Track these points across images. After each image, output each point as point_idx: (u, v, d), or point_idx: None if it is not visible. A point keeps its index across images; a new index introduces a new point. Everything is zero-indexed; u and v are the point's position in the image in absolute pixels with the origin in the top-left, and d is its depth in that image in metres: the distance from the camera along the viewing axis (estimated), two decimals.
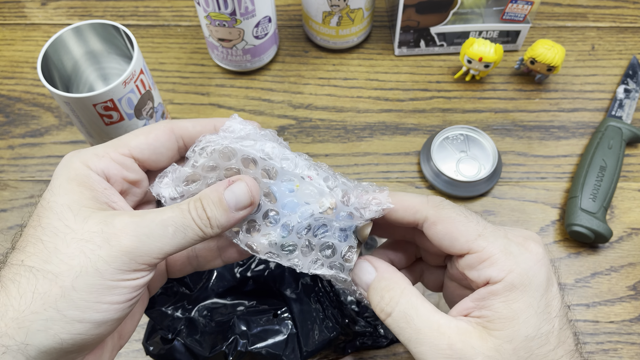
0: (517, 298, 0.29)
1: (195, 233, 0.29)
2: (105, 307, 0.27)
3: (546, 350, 0.28)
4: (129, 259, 0.28)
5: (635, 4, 0.68)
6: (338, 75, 0.63)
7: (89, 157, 0.31)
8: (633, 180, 0.55)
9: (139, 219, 0.28)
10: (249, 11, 0.54)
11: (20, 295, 0.27)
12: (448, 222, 0.31)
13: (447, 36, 0.62)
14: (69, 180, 0.30)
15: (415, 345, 0.29)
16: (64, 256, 0.27)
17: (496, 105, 0.61)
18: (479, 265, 0.30)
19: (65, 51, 0.50)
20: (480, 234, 0.30)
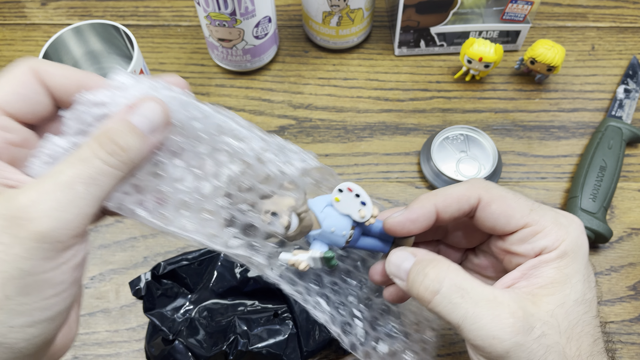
0: (568, 264, 0.30)
1: (112, 176, 0.25)
2: (52, 301, 0.24)
3: (590, 316, 0.29)
4: (49, 243, 0.23)
5: (635, 4, 0.68)
6: (338, 75, 0.63)
7: None
8: (633, 180, 0.56)
9: (36, 193, 0.24)
10: (249, 11, 0.54)
11: None
12: (501, 200, 0.31)
13: (447, 36, 0.62)
14: None
15: (473, 321, 0.28)
16: None
17: (496, 105, 0.61)
18: (532, 238, 0.31)
19: (66, 51, 0.50)
20: (532, 208, 0.31)
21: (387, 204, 0.54)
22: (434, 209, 0.31)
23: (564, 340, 0.28)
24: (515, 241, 0.31)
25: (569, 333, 0.28)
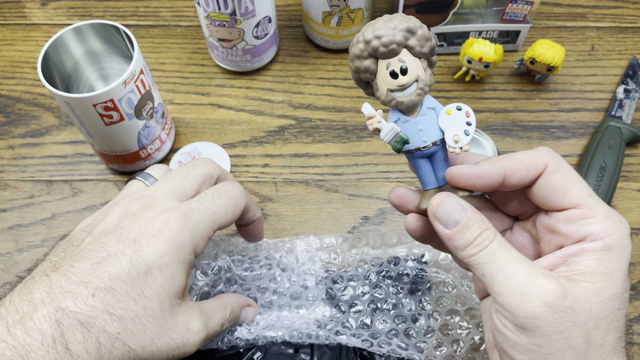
0: (612, 259, 0.29)
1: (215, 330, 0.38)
2: None
3: (622, 314, 0.29)
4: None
5: (635, 4, 0.68)
6: (338, 76, 0.63)
7: (198, 241, 0.35)
8: (633, 180, 0.56)
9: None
10: (249, 11, 0.54)
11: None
12: (565, 173, 0.30)
13: (447, 36, 0.62)
14: (178, 264, 0.34)
15: (506, 273, 0.28)
16: (156, 347, 0.34)
17: (496, 105, 0.61)
18: (581, 220, 0.30)
19: (66, 51, 0.50)
20: (590, 194, 0.30)
21: (387, 204, 0.54)
22: (503, 171, 0.31)
23: (591, 325, 0.28)
24: (562, 219, 0.31)
25: (598, 321, 0.28)
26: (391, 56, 0.30)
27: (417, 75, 0.30)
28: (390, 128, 0.31)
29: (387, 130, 0.31)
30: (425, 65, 0.31)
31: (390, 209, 0.54)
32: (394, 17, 0.30)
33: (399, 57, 0.30)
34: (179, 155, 0.57)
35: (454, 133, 0.31)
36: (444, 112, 0.31)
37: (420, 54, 0.30)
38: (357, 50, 0.30)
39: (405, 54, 0.30)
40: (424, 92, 0.31)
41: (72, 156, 0.58)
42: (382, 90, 0.31)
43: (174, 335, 0.33)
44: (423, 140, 0.31)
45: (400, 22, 0.30)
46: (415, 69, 0.30)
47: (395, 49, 0.30)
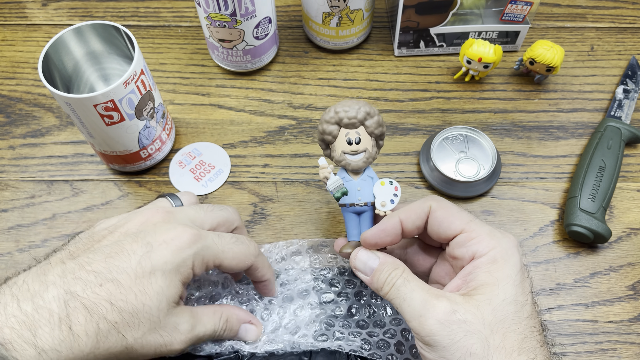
0: (498, 269, 0.34)
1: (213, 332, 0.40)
2: None
3: (520, 316, 0.33)
4: None
5: (634, 5, 0.68)
6: (338, 76, 0.63)
7: (199, 263, 0.38)
8: (632, 180, 0.56)
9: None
10: (249, 12, 0.55)
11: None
12: (446, 209, 0.37)
13: (446, 37, 0.63)
14: (175, 273, 0.36)
15: (409, 303, 0.34)
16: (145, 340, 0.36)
17: (495, 105, 0.61)
18: (468, 242, 0.36)
19: (66, 52, 0.50)
20: (471, 220, 0.37)
21: None
22: (399, 220, 0.38)
23: (487, 331, 0.32)
24: (454, 245, 0.37)
25: (493, 326, 0.32)
26: (351, 128, 0.39)
27: (367, 147, 0.40)
28: (336, 180, 0.39)
29: (333, 181, 0.39)
30: (374, 144, 0.40)
31: None
32: (360, 101, 0.39)
33: (357, 130, 0.39)
34: (179, 155, 0.57)
35: (382, 200, 0.39)
36: (379, 183, 0.40)
37: (372, 134, 0.40)
38: (327, 116, 0.39)
39: (362, 130, 0.39)
40: (368, 162, 0.40)
41: (73, 156, 0.58)
42: (337, 151, 0.40)
43: (163, 333, 0.36)
44: (358, 199, 0.40)
45: (364, 106, 0.39)
46: (366, 143, 0.40)
47: (356, 123, 0.39)
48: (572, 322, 0.48)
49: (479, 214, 0.54)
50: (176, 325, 0.36)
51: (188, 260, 0.37)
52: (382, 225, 0.38)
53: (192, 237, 0.37)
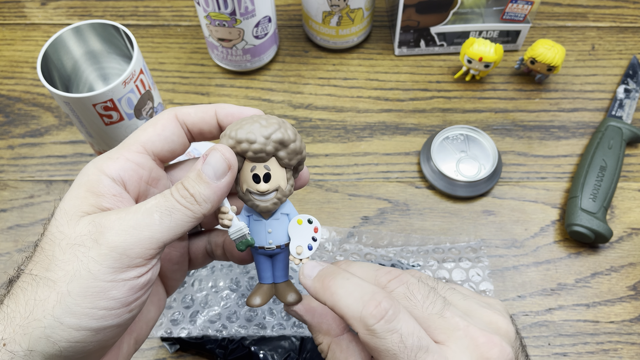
0: None
1: (184, 213, 0.29)
2: (102, 313, 0.27)
3: None
4: (119, 255, 0.27)
5: (635, 4, 0.68)
6: (338, 75, 0.63)
7: (103, 161, 0.30)
8: (633, 180, 0.55)
9: (124, 214, 0.28)
10: (248, 11, 0.54)
11: (25, 302, 0.27)
12: (375, 353, 0.28)
13: (447, 36, 0.62)
14: (79, 186, 0.30)
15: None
16: (60, 262, 0.27)
17: (496, 105, 0.61)
18: None
19: (65, 51, 0.50)
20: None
21: (387, 204, 0.54)
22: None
23: None
24: None
25: None
26: (258, 161, 0.30)
27: (279, 184, 0.31)
28: (239, 228, 0.32)
29: (236, 229, 0.32)
30: (290, 175, 0.31)
31: (391, 209, 0.54)
32: (270, 124, 0.30)
33: (265, 164, 0.31)
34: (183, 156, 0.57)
35: (298, 244, 0.32)
36: (295, 221, 0.32)
37: (286, 165, 0.31)
38: (226, 144, 0.30)
39: (273, 162, 0.31)
40: (280, 202, 0.31)
41: (72, 156, 0.58)
42: (242, 188, 0.31)
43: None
44: (269, 242, 0.32)
45: (276, 132, 0.30)
46: (278, 178, 0.31)
47: (264, 157, 0.30)
48: (573, 323, 0.48)
49: (480, 213, 0.54)
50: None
51: (87, 171, 0.31)
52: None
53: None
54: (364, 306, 0.28)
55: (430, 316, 0.29)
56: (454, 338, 0.28)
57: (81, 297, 0.26)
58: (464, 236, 0.52)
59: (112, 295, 0.27)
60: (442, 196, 0.55)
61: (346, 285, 0.29)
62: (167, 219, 0.28)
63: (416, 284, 0.30)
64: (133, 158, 0.31)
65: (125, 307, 0.28)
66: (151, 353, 0.47)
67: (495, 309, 0.31)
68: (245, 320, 0.44)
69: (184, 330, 0.44)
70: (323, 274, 0.31)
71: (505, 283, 0.50)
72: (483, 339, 0.28)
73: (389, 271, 0.31)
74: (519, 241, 0.52)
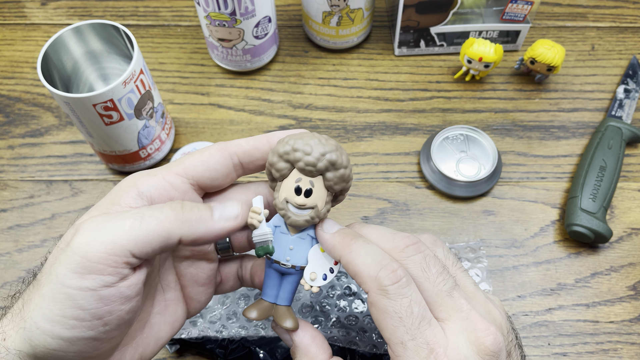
0: None
1: (158, 224, 0.27)
2: (72, 322, 0.25)
3: None
4: (80, 257, 0.25)
5: (635, 4, 0.68)
6: (338, 75, 0.63)
7: (141, 175, 0.30)
8: (633, 180, 0.55)
9: (104, 218, 0.27)
10: (248, 11, 0.54)
11: (22, 301, 0.27)
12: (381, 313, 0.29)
13: (447, 36, 0.62)
14: (108, 195, 0.30)
15: None
16: (47, 264, 0.27)
17: (496, 105, 0.61)
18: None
19: (65, 51, 0.50)
20: (403, 341, 0.28)
21: (387, 204, 0.54)
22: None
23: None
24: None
25: None
26: (306, 174, 0.30)
27: (317, 204, 0.31)
28: (265, 232, 0.31)
29: (261, 232, 0.31)
30: (329, 199, 0.31)
31: (391, 209, 0.54)
32: (328, 144, 0.30)
33: (311, 180, 0.30)
34: (179, 155, 0.57)
35: (314, 270, 0.32)
36: (319, 247, 0.32)
37: (330, 188, 0.31)
38: (282, 149, 0.30)
39: (318, 181, 0.30)
40: (312, 221, 0.31)
41: (72, 156, 0.58)
42: (280, 196, 0.31)
43: None
44: (287, 259, 0.32)
45: (332, 152, 0.30)
46: (319, 197, 0.31)
47: (313, 172, 0.30)
48: (573, 323, 0.48)
49: (480, 213, 0.54)
50: None
51: (122, 182, 0.31)
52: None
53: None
54: (381, 268, 0.28)
55: (440, 292, 0.29)
56: (455, 318, 0.29)
57: (52, 301, 0.25)
58: (464, 236, 0.52)
59: (80, 304, 0.25)
60: (442, 196, 0.55)
61: (366, 247, 0.30)
62: (136, 224, 0.26)
63: (432, 257, 0.30)
64: (169, 178, 0.30)
65: (97, 320, 0.26)
66: None
67: (495, 304, 0.32)
68: (245, 320, 0.44)
69: (184, 331, 0.44)
70: (344, 232, 0.31)
71: (505, 283, 0.50)
72: (481, 324, 0.29)
73: (406, 236, 0.31)
74: (518, 241, 0.52)
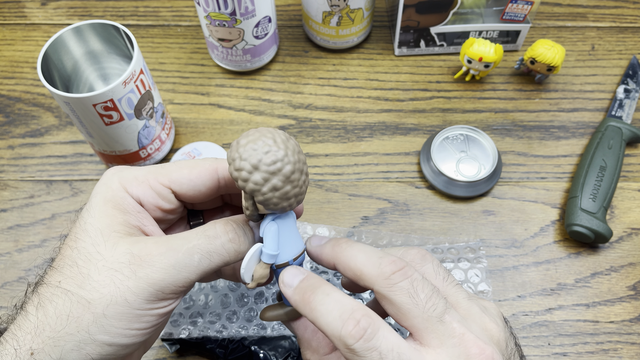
0: None
1: (222, 259, 0.30)
2: (134, 332, 0.29)
3: None
4: (155, 290, 0.29)
5: (635, 4, 0.68)
6: (338, 75, 0.63)
7: (129, 180, 0.32)
8: (633, 180, 0.55)
9: (164, 249, 0.29)
10: (248, 11, 0.54)
11: (57, 317, 0.28)
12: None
13: (447, 36, 0.62)
14: (105, 202, 0.31)
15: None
16: (96, 284, 0.29)
17: (496, 105, 0.61)
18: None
19: (65, 51, 0.50)
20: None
21: (387, 204, 0.54)
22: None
23: None
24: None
25: None
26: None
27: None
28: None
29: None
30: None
31: (391, 209, 0.54)
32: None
33: None
34: (179, 155, 0.57)
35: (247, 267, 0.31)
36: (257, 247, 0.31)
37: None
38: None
39: None
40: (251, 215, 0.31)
41: (72, 156, 0.58)
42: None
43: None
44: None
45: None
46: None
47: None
48: (573, 323, 0.48)
49: (480, 213, 0.54)
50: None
51: (111, 184, 0.31)
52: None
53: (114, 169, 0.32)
54: (343, 325, 0.27)
55: (430, 319, 0.28)
56: (447, 345, 0.28)
57: (116, 320, 0.28)
58: (464, 236, 0.52)
59: (145, 320, 0.29)
60: (442, 196, 0.55)
61: (326, 302, 0.29)
62: (206, 262, 0.30)
63: (420, 281, 0.29)
64: (156, 188, 0.32)
65: (153, 328, 0.30)
66: (151, 353, 0.47)
67: (491, 315, 0.31)
68: (245, 320, 0.44)
69: (184, 331, 0.44)
70: (303, 287, 0.30)
71: (505, 283, 0.50)
72: (476, 349, 0.28)
73: (393, 261, 0.30)
74: (518, 241, 0.52)
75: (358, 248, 0.31)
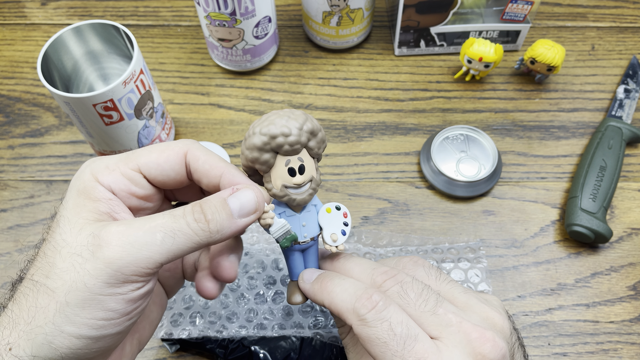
0: None
1: (189, 238, 0.28)
2: (101, 323, 0.27)
3: None
4: (113, 271, 0.27)
5: (635, 4, 0.68)
6: (338, 75, 0.63)
7: (100, 169, 0.30)
8: (633, 180, 0.55)
9: (125, 227, 0.28)
10: (248, 11, 0.54)
11: (27, 309, 0.27)
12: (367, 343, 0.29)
13: (447, 36, 0.62)
14: (78, 193, 0.30)
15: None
16: (59, 270, 0.27)
17: (496, 105, 0.61)
18: None
19: (65, 51, 0.50)
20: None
21: (387, 204, 0.54)
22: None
23: None
24: None
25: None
26: (292, 154, 0.31)
27: (312, 175, 0.32)
28: (282, 225, 0.32)
29: (279, 226, 0.32)
30: (317, 165, 0.32)
31: (391, 209, 0.54)
32: (298, 116, 0.30)
33: (299, 156, 0.31)
34: None
35: (332, 231, 0.33)
36: (324, 210, 0.33)
37: (316, 155, 0.32)
38: (259, 142, 0.30)
39: (304, 154, 0.31)
40: (314, 192, 0.32)
41: (72, 156, 0.58)
42: (276, 185, 0.31)
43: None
44: (304, 235, 0.33)
45: (306, 122, 0.31)
46: (311, 169, 0.32)
47: (298, 148, 0.31)
48: (573, 323, 0.48)
49: (480, 213, 0.54)
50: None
51: (83, 176, 0.30)
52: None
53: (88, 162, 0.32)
54: (357, 299, 0.29)
55: (423, 313, 0.29)
56: (447, 333, 0.29)
57: (79, 307, 0.27)
58: (464, 236, 0.52)
59: (110, 307, 0.27)
60: (442, 196, 0.55)
61: (342, 284, 0.31)
62: (169, 240, 0.28)
63: (410, 282, 0.31)
64: (128, 174, 0.31)
65: (124, 317, 0.28)
66: (151, 353, 0.47)
67: (492, 305, 0.32)
68: (245, 320, 0.44)
69: (185, 331, 0.44)
70: (321, 277, 0.33)
71: (505, 283, 0.50)
72: (476, 334, 0.29)
73: (385, 271, 0.32)
74: (518, 241, 0.52)
75: (340, 280, 0.32)
